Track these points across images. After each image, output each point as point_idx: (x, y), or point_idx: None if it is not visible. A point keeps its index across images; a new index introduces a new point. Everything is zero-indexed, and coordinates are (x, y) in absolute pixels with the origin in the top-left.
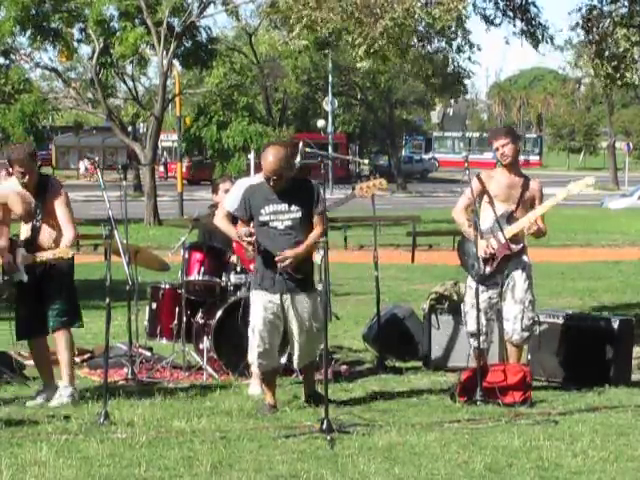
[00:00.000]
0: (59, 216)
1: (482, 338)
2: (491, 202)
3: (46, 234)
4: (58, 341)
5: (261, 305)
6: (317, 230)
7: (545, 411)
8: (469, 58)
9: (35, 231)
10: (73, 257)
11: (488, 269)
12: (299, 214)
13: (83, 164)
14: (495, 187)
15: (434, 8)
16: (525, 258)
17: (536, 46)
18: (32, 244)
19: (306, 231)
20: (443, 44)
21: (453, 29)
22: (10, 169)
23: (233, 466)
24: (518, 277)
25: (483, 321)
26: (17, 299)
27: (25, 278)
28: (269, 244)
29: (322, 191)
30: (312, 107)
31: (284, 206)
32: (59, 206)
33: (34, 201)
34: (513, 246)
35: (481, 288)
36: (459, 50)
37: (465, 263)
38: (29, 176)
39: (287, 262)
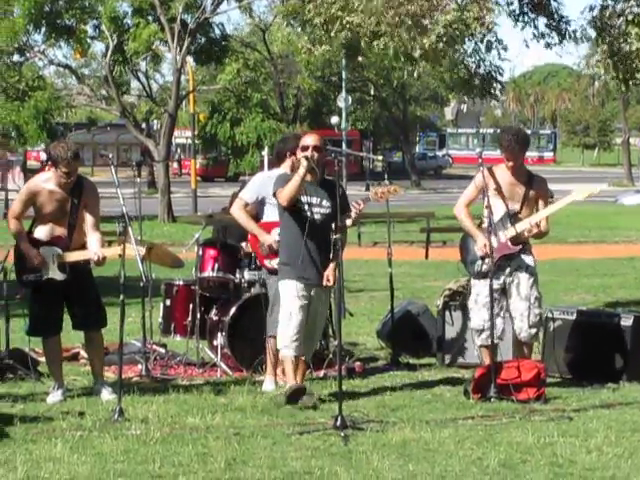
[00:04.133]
0: (90, 217)
1: (486, 334)
2: (488, 204)
3: (79, 234)
4: (95, 341)
5: (295, 292)
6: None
7: (559, 407)
8: (499, 56)
9: (71, 230)
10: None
11: (485, 267)
12: (329, 210)
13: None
14: (494, 184)
15: (464, 14)
16: (529, 256)
17: (561, 41)
18: (68, 243)
19: (331, 229)
20: (470, 45)
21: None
22: (49, 165)
23: (247, 462)
24: (522, 275)
25: (486, 316)
26: (36, 298)
27: (61, 277)
28: (299, 234)
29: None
30: (326, 104)
31: (317, 199)
32: (94, 207)
33: (69, 200)
34: (512, 246)
35: (482, 282)
36: (488, 48)
37: (464, 259)
38: (72, 177)
39: (332, 281)
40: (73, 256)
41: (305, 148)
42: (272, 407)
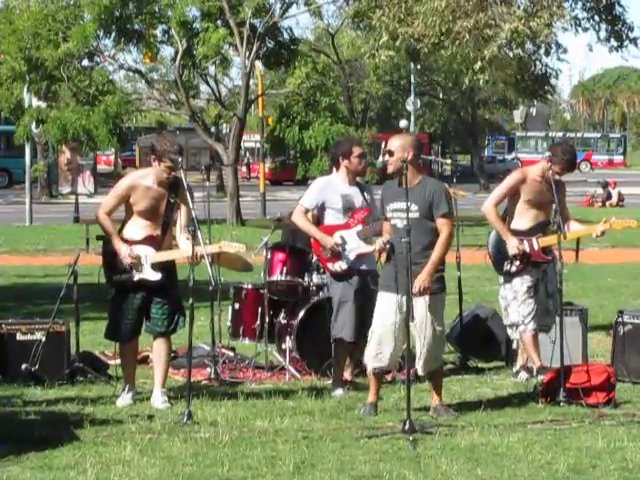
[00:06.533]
0: (184, 218)
1: (522, 327)
2: (557, 203)
3: (169, 235)
4: (163, 347)
5: (381, 305)
6: (442, 235)
7: (629, 412)
8: (558, 58)
9: (164, 230)
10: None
11: (514, 268)
12: (417, 214)
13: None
14: (528, 192)
15: (532, 20)
16: (556, 264)
17: (620, 47)
18: (161, 243)
19: (427, 231)
20: (530, 46)
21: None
22: (155, 160)
23: (315, 466)
24: (550, 271)
25: (525, 312)
26: (118, 301)
27: (155, 277)
28: (393, 242)
29: (447, 192)
30: (394, 107)
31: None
32: (188, 207)
33: (165, 198)
34: (544, 256)
35: (519, 280)
36: (547, 53)
37: (494, 258)
38: (174, 172)
39: (423, 287)
40: (166, 255)
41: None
42: (340, 411)
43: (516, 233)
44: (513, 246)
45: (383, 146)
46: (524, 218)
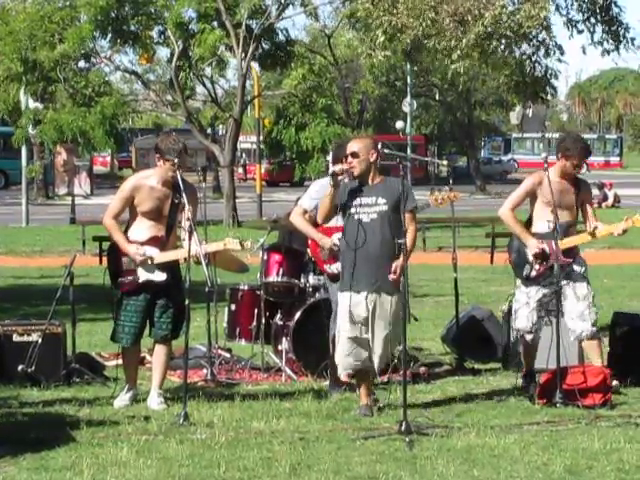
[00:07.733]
0: (190, 218)
1: (530, 336)
2: (554, 208)
3: (174, 236)
4: (164, 350)
5: (346, 306)
6: (412, 229)
7: (626, 413)
8: (559, 59)
9: (168, 231)
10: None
11: (534, 273)
12: (385, 207)
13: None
14: (547, 192)
15: (517, 14)
16: (580, 265)
17: (617, 47)
18: (165, 244)
19: (394, 227)
20: (528, 48)
21: (539, 34)
22: (159, 160)
23: (312, 467)
24: (576, 278)
25: (534, 319)
26: (124, 304)
27: (161, 277)
28: (353, 238)
29: (412, 189)
30: (391, 108)
31: (371, 199)
32: (193, 209)
33: (170, 199)
34: (565, 258)
35: (535, 287)
36: (547, 54)
37: (514, 262)
38: (180, 171)
39: (397, 276)
40: (171, 255)
41: (345, 157)
42: (337, 412)
43: (537, 236)
44: (533, 246)
45: (379, 148)
46: (545, 221)
